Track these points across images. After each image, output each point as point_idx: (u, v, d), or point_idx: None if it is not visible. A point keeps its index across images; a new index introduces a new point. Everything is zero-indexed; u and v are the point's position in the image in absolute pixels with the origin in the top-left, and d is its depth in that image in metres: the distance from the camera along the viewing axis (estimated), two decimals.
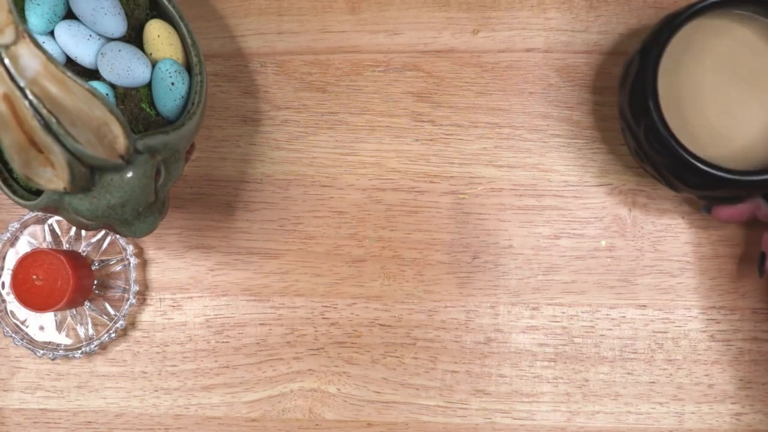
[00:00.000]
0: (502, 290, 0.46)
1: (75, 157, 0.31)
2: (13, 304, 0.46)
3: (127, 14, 0.40)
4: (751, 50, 0.41)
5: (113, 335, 0.45)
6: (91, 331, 0.46)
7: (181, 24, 0.40)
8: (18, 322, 0.46)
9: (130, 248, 0.46)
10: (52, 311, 0.44)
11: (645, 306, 0.46)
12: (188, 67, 0.41)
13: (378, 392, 0.46)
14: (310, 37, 0.48)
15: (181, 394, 0.46)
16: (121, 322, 0.45)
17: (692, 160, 0.38)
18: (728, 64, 0.41)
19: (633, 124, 0.41)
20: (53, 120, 0.29)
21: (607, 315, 0.46)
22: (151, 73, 0.39)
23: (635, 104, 0.40)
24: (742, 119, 0.41)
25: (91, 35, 0.39)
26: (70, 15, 0.39)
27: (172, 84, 0.39)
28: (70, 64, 0.39)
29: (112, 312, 0.46)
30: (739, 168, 0.39)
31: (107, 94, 0.39)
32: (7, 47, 0.27)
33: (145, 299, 0.47)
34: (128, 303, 0.45)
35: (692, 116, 0.41)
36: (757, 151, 0.41)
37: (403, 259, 0.46)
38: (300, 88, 0.47)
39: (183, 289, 0.47)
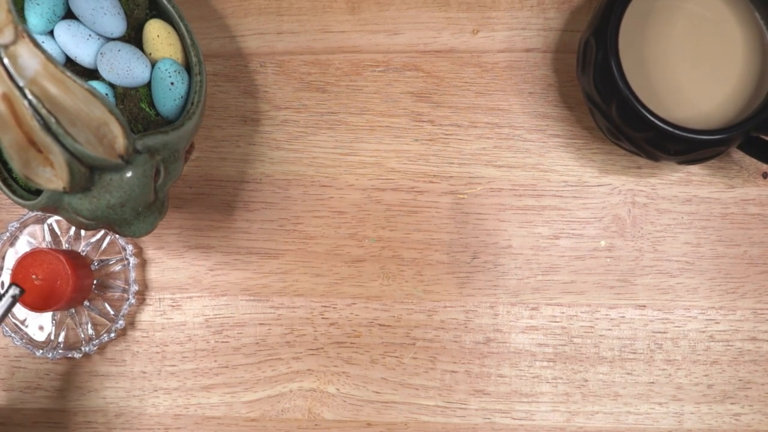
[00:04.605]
0: (502, 290, 0.46)
1: (74, 157, 0.31)
2: None
3: (126, 14, 0.40)
4: (713, 14, 0.42)
5: (113, 335, 0.45)
6: (90, 331, 0.46)
7: (181, 24, 0.40)
8: (18, 322, 0.46)
9: (130, 248, 0.46)
10: (52, 311, 0.44)
11: (644, 306, 0.46)
12: (188, 67, 0.41)
13: (377, 392, 0.46)
14: (310, 37, 0.48)
15: (180, 393, 0.46)
16: (120, 321, 0.45)
17: (674, 130, 0.39)
18: (694, 29, 0.42)
19: (603, 106, 0.41)
20: (52, 120, 0.29)
21: (607, 315, 0.46)
22: (151, 73, 0.39)
23: (603, 85, 0.41)
24: (708, 84, 0.42)
25: (90, 35, 0.39)
26: (69, 15, 0.39)
27: (172, 84, 0.39)
28: (70, 63, 0.39)
29: (111, 312, 0.46)
30: (711, 127, 0.40)
31: (107, 94, 0.39)
32: (6, 47, 0.27)
33: (144, 299, 0.47)
34: (127, 303, 0.45)
35: (659, 82, 0.42)
36: (722, 112, 0.41)
37: (402, 259, 0.46)
38: (300, 88, 0.47)
39: (182, 288, 0.47)
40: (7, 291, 0.40)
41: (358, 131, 0.47)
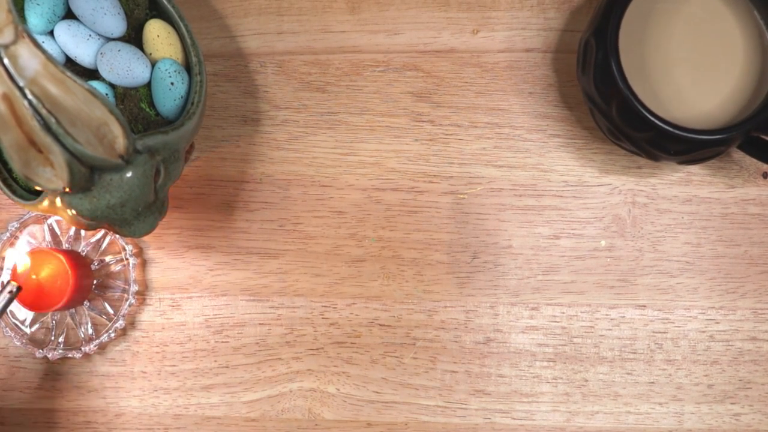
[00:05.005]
0: (502, 290, 0.46)
1: (74, 157, 0.31)
2: (13, 304, 0.46)
3: (126, 14, 0.40)
4: (714, 14, 0.42)
5: (112, 335, 0.45)
6: (90, 331, 0.46)
7: (181, 24, 0.40)
8: (18, 322, 0.46)
9: (130, 248, 0.46)
10: (52, 311, 0.44)
11: (644, 306, 0.46)
12: (188, 67, 0.41)
13: (377, 392, 0.46)
14: (310, 37, 0.48)
15: (180, 393, 0.46)
16: (120, 321, 0.45)
17: (675, 130, 0.39)
18: (694, 29, 0.42)
19: (603, 106, 0.41)
20: (53, 120, 0.29)
21: (607, 315, 0.46)
22: (151, 73, 0.39)
23: (603, 85, 0.41)
24: (708, 84, 0.42)
25: (90, 35, 0.39)
26: (69, 15, 0.39)
27: (172, 84, 0.39)
28: (70, 63, 0.39)
29: (111, 312, 0.46)
30: (711, 127, 0.40)
31: (107, 94, 0.39)
32: (6, 47, 0.27)
33: (144, 299, 0.47)
34: (127, 303, 0.45)
35: (659, 82, 0.42)
36: (722, 112, 0.41)
37: (402, 259, 0.46)
38: (300, 88, 0.47)
39: (182, 288, 0.47)
40: (4, 288, 0.40)
41: (358, 131, 0.47)
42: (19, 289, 0.41)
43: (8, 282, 0.40)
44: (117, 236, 0.46)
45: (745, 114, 0.41)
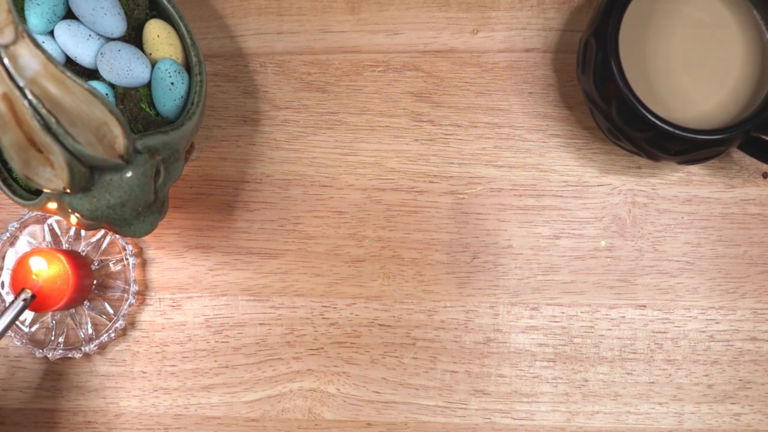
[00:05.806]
0: (502, 290, 0.46)
1: (74, 157, 0.31)
2: None
3: (126, 14, 0.40)
4: (714, 14, 0.42)
5: (112, 335, 0.45)
6: (90, 331, 0.46)
7: (181, 24, 0.40)
8: (18, 322, 0.46)
9: (130, 248, 0.46)
10: (52, 311, 0.44)
11: (644, 306, 0.46)
12: (188, 67, 0.41)
13: (377, 392, 0.46)
14: (310, 37, 0.48)
15: (180, 393, 0.46)
16: (120, 321, 0.45)
17: (674, 130, 0.39)
18: (694, 29, 0.42)
19: (603, 106, 0.41)
20: (52, 120, 0.29)
21: (607, 315, 0.46)
22: (151, 73, 0.39)
23: (603, 85, 0.41)
24: (708, 84, 0.42)
25: (90, 35, 0.39)
26: (69, 15, 0.39)
27: (172, 84, 0.39)
28: (70, 63, 0.39)
29: (111, 312, 0.46)
30: (711, 127, 0.40)
31: (107, 94, 0.39)
32: (6, 47, 0.27)
33: (144, 299, 0.47)
34: (127, 303, 0.45)
35: (659, 82, 0.42)
36: (722, 112, 0.41)
37: (402, 259, 0.46)
38: (300, 88, 0.47)
39: (182, 288, 0.47)
40: (18, 295, 0.40)
41: (358, 131, 0.47)
42: (33, 297, 0.41)
43: (22, 290, 0.41)
44: (117, 236, 0.46)
45: (745, 114, 0.41)
